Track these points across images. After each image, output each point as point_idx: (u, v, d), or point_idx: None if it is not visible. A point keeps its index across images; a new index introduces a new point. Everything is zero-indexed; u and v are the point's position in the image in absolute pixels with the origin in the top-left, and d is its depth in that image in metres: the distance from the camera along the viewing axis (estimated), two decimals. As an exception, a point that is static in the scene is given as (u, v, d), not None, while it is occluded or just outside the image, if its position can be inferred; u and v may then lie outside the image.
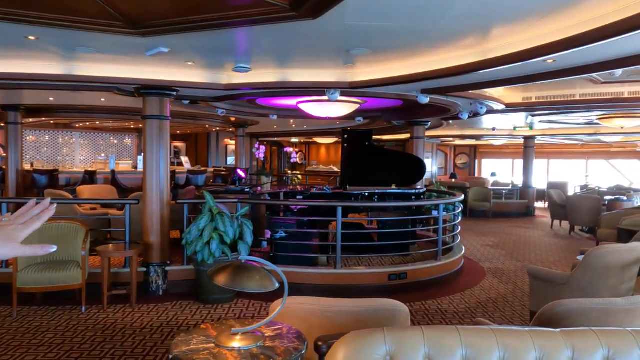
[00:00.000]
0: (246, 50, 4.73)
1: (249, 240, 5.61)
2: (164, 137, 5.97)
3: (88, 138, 14.37)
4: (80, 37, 4.15)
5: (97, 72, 5.43)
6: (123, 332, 4.62)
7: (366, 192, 7.15)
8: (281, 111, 9.14)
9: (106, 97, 7.81)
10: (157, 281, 5.89)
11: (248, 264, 2.10)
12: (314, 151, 22.50)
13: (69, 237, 5.38)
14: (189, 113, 9.64)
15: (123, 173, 10.81)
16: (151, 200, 5.96)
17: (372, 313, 2.56)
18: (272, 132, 15.89)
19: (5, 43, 4.40)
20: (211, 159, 16.40)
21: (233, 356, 1.97)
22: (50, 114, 10.10)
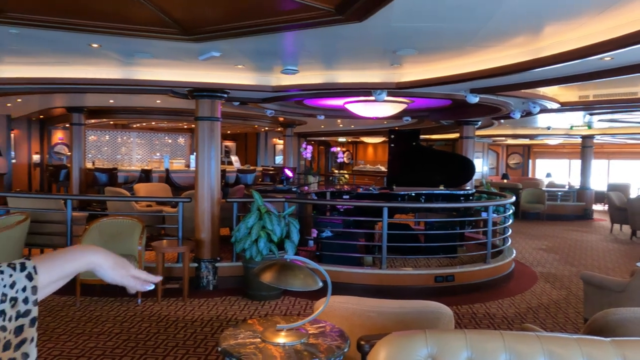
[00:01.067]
0: (293, 53, 4.83)
1: (296, 239, 5.72)
2: (215, 138, 6.19)
3: (144, 138, 15.04)
4: (138, 44, 4.38)
5: (153, 76, 5.70)
6: (176, 325, 4.84)
7: (413, 192, 7.09)
8: (328, 111, 9.22)
9: (161, 99, 8.17)
10: (207, 276, 6.12)
11: (293, 263, 2.18)
12: (361, 150, 22.46)
13: (126, 233, 5.69)
14: (239, 114, 9.91)
15: (176, 172, 11.25)
16: (203, 198, 6.19)
17: (415, 315, 2.57)
18: (319, 132, 16.02)
19: (72, 51, 4.72)
20: (260, 158, 16.74)
21: (278, 351, 2.04)
22: (110, 115, 10.67)
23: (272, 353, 2.03)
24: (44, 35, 4.03)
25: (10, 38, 4.15)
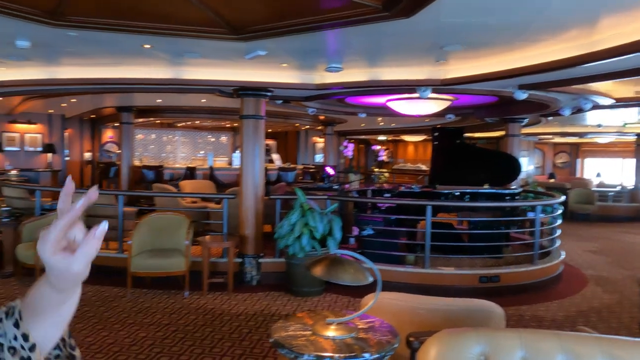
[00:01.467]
0: (338, 50, 4.85)
1: (338, 236, 5.74)
2: (259, 136, 6.29)
3: (188, 136, 15.45)
4: (188, 44, 4.52)
5: (200, 76, 5.85)
6: (221, 318, 4.96)
7: (457, 191, 6.97)
8: (370, 109, 9.19)
9: (207, 98, 8.37)
10: (251, 272, 6.23)
11: (343, 258, 2.20)
12: (401, 149, 22.25)
13: (173, 228, 5.87)
14: (281, 112, 10.02)
15: (219, 169, 11.51)
16: (247, 195, 6.30)
17: (465, 313, 2.54)
18: (359, 130, 15.98)
19: (125, 52, 4.91)
20: (300, 156, 16.86)
21: (329, 344, 2.07)
22: (158, 114, 11.02)
23: (323, 346, 2.05)
24: (101, 37, 4.22)
25: (69, 40, 4.37)
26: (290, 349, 2.03)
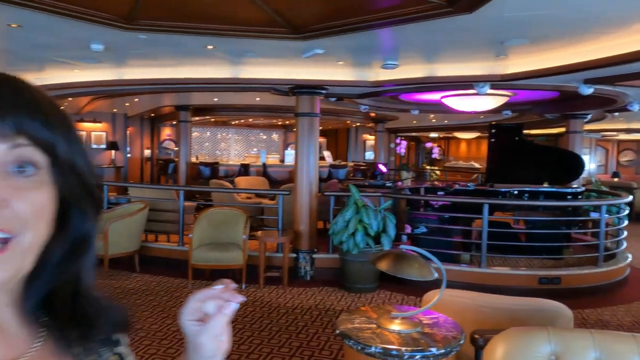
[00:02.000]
0: (395, 47, 4.84)
1: (392, 233, 5.74)
2: (314, 133, 6.38)
3: (241, 134, 15.84)
4: (248, 44, 4.66)
5: (257, 75, 6.00)
6: (277, 311, 5.09)
7: (515, 189, 6.78)
8: (423, 106, 9.08)
9: (261, 96, 8.56)
10: (305, 267, 6.34)
11: (408, 253, 2.22)
12: (453, 146, 21.78)
13: (231, 222, 6.06)
14: (333, 110, 10.09)
15: (272, 166, 11.74)
16: (301, 191, 6.41)
17: (531, 312, 2.50)
18: (410, 127, 15.80)
19: (189, 53, 5.13)
20: (350, 153, 16.89)
21: (394, 338, 2.10)
22: (213, 113, 11.37)
23: (390, 339, 2.09)
24: (168, 39, 4.43)
25: (138, 43, 4.61)
26: (357, 340, 2.08)
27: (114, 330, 0.70)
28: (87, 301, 0.64)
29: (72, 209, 0.59)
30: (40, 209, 0.55)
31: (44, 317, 0.62)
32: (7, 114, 0.52)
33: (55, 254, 0.59)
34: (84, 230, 0.61)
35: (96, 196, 0.62)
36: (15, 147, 0.53)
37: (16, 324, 0.59)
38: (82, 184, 0.59)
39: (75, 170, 0.58)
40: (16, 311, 0.60)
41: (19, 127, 0.53)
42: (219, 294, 0.66)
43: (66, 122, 0.58)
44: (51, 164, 0.56)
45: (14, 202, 0.52)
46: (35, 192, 0.54)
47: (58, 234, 0.58)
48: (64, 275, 0.61)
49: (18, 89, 0.55)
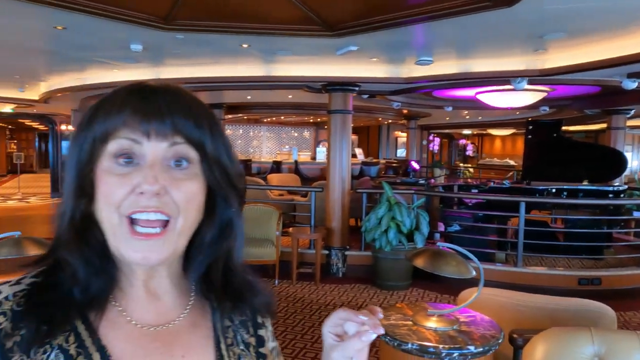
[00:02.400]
0: (430, 43, 4.79)
1: (425, 231, 5.69)
2: (346, 130, 6.38)
3: (273, 131, 15.97)
4: (282, 42, 4.70)
5: (290, 72, 6.05)
6: (310, 307, 5.13)
7: (553, 187, 6.60)
8: (457, 102, 8.95)
9: (293, 94, 8.60)
10: (337, 264, 6.36)
11: (445, 251, 2.21)
12: (487, 143, 21.34)
13: (264, 219, 6.14)
14: (365, 107, 10.04)
15: (304, 163, 11.79)
16: (334, 188, 6.43)
17: (572, 312, 2.44)
18: (443, 124, 15.57)
19: (224, 52, 5.21)
20: (382, 150, 16.79)
21: (431, 335, 2.10)
22: (246, 111, 11.50)
23: (426, 336, 2.08)
24: (204, 38, 4.52)
25: (176, 43, 4.72)
26: (393, 337, 2.08)
27: (259, 310, 0.78)
28: (236, 276, 0.73)
29: (217, 197, 0.68)
30: (191, 197, 0.63)
31: (195, 290, 0.73)
32: (167, 117, 0.61)
33: (207, 235, 0.69)
34: (229, 216, 0.70)
35: (238, 186, 0.70)
36: (173, 144, 0.62)
37: (171, 294, 0.70)
38: (226, 176, 0.67)
39: (220, 164, 0.67)
40: (173, 283, 0.70)
41: (176, 128, 0.62)
42: (363, 320, 0.67)
43: (212, 123, 0.67)
44: (201, 159, 0.65)
45: (172, 190, 0.61)
46: (189, 183, 0.63)
47: (208, 219, 0.68)
48: (216, 254, 0.70)
49: (175, 96, 0.64)
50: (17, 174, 16.79)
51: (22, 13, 3.78)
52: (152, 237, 0.61)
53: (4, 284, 0.63)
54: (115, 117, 0.61)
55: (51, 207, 12.15)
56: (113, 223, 0.61)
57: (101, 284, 0.63)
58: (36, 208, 12.06)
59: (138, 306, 0.67)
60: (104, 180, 0.61)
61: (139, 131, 0.61)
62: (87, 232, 0.63)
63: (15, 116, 13.65)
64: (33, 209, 11.88)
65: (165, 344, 0.66)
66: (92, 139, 0.62)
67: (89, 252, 0.62)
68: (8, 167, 20.91)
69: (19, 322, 0.58)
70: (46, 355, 0.58)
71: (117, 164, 0.61)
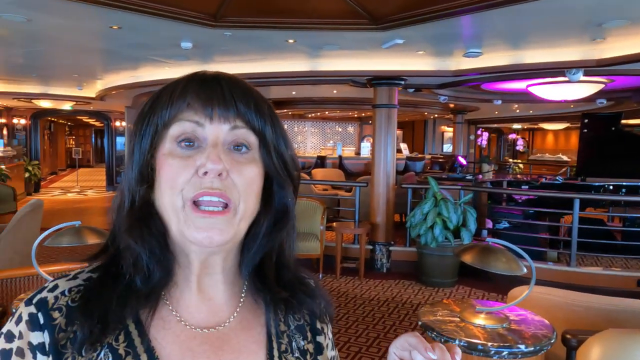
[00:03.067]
0: (478, 34, 4.65)
1: (473, 228, 5.57)
2: (391, 125, 6.32)
3: (317, 127, 16.04)
4: (328, 37, 4.70)
5: (335, 67, 6.04)
6: (354, 301, 5.13)
7: (610, 184, 6.29)
8: (506, 95, 8.66)
9: (338, 89, 8.60)
10: (381, 259, 6.33)
11: (494, 247, 2.15)
12: (538, 138, 20.54)
13: (309, 213, 6.18)
14: (411, 101, 9.91)
15: (348, 158, 11.78)
16: (378, 183, 6.39)
17: (630, 314, 2.33)
18: (492, 118, 15.12)
19: (271, 48, 5.27)
20: (427, 145, 16.51)
21: (479, 332, 2.05)
22: (291, 106, 11.60)
23: (474, 333, 2.04)
24: (251, 35, 4.59)
25: (224, 40, 4.82)
26: (440, 332, 2.05)
27: (318, 315, 0.75)
28: (288, 271, 0.72)
29: (274, 185, 0.68)
30: (250, 182, 0.63)
31: (246, 286, 0.71)
32: (229, 101, 0.62)
33: (263, 225, 0.67)
34: (285, 206, 0.69)
35: (294, 175, 0.70)
36: (234, 128, 0.63)
37: (223, 294, 0.68)
38: (283, 164, 0.67)
39: (278, 151, 0.67)
40: (225, 281, 0.69)
41: (238, 111, 0.63)
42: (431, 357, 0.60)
43: (271, 111, 0.67)
44: (260, 144, 0.65)
45: (233, 173, 0.61)
46: (248, 167, 0.63)
47: (264, 208, 0.67)
48: (270, 245, 0.69)
49: (235, 82, 0.66)
50: (75, 168, 17.70)
51: (81, 14, 3.97)
52: (215, 215, 0.60)
53: (61, 278, 0.64)
54: (178, 101, 0.62)
55: (106, 200, 12.75)
56: (176, 207, 0.60)
57: (161, 273, 0.63)
58: (93, 200, 12.69)
59: (189, 306, 0.66)
60: (167, 164, 0.61)
61: (202, 114, 0.61)
62: (147, 220, 0.63)
63: (74, 113, 14.38)
64: (90, 202, 12.51)
65: (214, 347, 0.64)
66: (155, 124, 0.63)
67: (150, 240, 0.62)
68: (67, 162, 22.06)
69: (74, 320, 0.58)
70: (96, 354, 0.58)
71: (180, 147, 0.61)
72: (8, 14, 3.99)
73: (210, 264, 0.66)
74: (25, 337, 0.58)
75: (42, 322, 0.58)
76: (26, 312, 0.59)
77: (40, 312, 0.59)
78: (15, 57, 6.20)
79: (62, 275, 0.65)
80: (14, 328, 0.59)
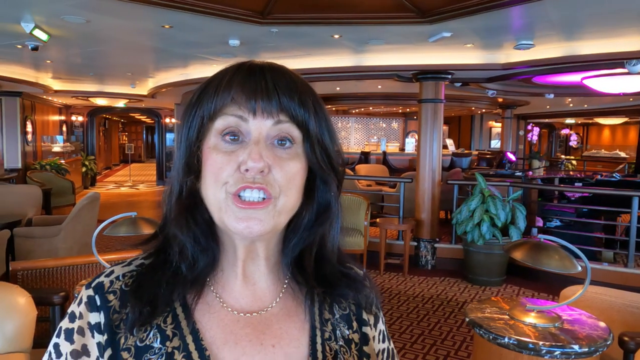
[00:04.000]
0: (530, 25, 4.50)
1: (522, 226, 5.40)
2: (437, 120, 6.22)
3: (361, 122, 15.97)
4: (374, 31, 4.68)
5: (380, 62, 6.00)
6: (398, 297, 5.10)
7: (673, 181, 5.93)
8: (559, 89, 8.32)
9: (383, 84, 8.54)
10: (426, 256, 6.25)
11: (546, 243, 2.08)
12: (593, 133, 19.59)
13: (353, 208, 6.18)
14: (457, 96, 9.70)
15: (392, 154, 11.68)
16: (423, 179, 6.31)
17: (695, 318, 2.20)
18: (543, 113, 14.56)
19: (316, 43, 5.30)
20: (474, 141, 16.11)
21: (530, 331, 2.00)
22: (335, 102, 11.61)
23: (525, 331, 1.99)
24: (297, 31, 4.63)
25: (270, 36, 4.89)
26: (488, 330, 2.01)
27: (364, 306, 0.75)
28: (328, 265, 0.72)
29: (317, 180, 0.67)
30: (292, 177, 0.63)
31: (289, 274, 0.72)
32: (273, 95, 0.61)
33: (305, 218, 0.67)
34: (327, 200, 0.68)
35: (338, 169, 0.69)
36: (278, 123, 0.62)
37: (266, 280, 0.70)
38: (327, 157, 0.67)
39: (322, 144, 0.66)
40: (269, 267, 0.70)
41: (281, 106, 0.62)
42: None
43: (316, 102, 0.66)
44: (303, 138, 0.65)
45: (275, 169, 0.61)
46: (291, 163, 0.63)
47: (306, 201, 0.67)
48: (311, 239, 0.69)
49: (280, 74, 0.64)
50: (127, 163, 18.46)
51: (135, 14, 4.14)
52: (255, 206, 0.60)
53: (118, 264, 0.68)
54: (223, 94, 0.63)
55: (157, 193, 13.23)
56: (219, 199, 0.62)
57: (206, 261, 0.65)
58: (144, 194, 13.21)
59: (233, 290, 0.68)
60: (211, 158, 0.62)
61: (246, 108, 0.61)
62: (193, 209, 0.64)
63: (127, 110, 14.98)
64: (141, 195, 13.03)
65: (257, 331, 0.66)
66: (201, 117, 0.64)
67: (195, 229, 0.64)
68: (120, 157, 23.05)
69: (126, 302, 0.62)
70: (146, 334, 0.62)
71: (224, 141, 0.62)
72: (69, 16, 4.21)
73: (254, 250, 0.67)
74: (85, 317, 0.63)
75: (99, 304, 0.63)
76: (85, 295, 0.64)
77: (97, 295, 0.64)
78: (75, 57, 6.54)
79: (119, 262, 0.69)
80: (76, 309, 0.64)
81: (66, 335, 0.62)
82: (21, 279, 2.81)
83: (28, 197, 6.49)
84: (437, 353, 3.84)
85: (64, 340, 0.62)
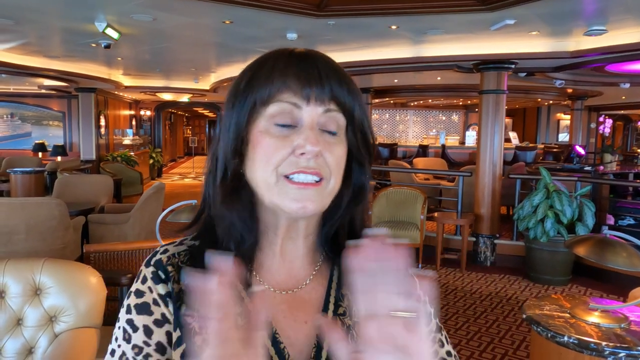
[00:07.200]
0: (602, 9, 4.22)
1: (590, 223, 5.11)
2: (499, 112, 5.99)
3: (420, 115, 15.68)
4: (432, 20, 4.57)
5: (440, 52, 5.86)
6: (454, 293, 5.00)
7: None
8: (636, 78, 7.74)
9: (442, 75, 8.33)
10: (485, 252, 6.07)
11: (612, 239, 1.97)
12: (675, 126, 18.08)
13: (409, 202, 6.11)
14: (522, 87, 9.29)
15: (451, 148, 11.40)
16: (483, 173, 6.11)
17: None
18: (617, 104, 13.61)
19: (373, 35, 5.26)
20: (539, 134, 15.35)
21: (593, 330, 1.90)
22: (393, 95, 11.47)
23: (587, 331, 1.90)
24: (354, 23, 4.62)
25: (327, 29, 4.91)
26: (546, 327, 1.94)
27: None
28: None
29: (354, 163, 0.70)
30: (339, 161, 0.66)
31: (324, 252, 0.75)
32: (326, 83, 0.64)
33: (344, 199, 0.70)
34: (362, 181, 0.72)
35: (372, 152, 0.72)
36: (328, 111, 0.65)
37: (302, 259, 0.73)
38: (365, 142, 0.70)
39: (363, 130, 0.69)
40: (306, 246, 0.73)
41: (333, 94, 0.64)
42: None
43: (358, 89, 0.69)
44: (347, 124, 0.67)
45: (326, 153, 0.64)
46: (337, 147, 0.66)
47: (344, 183, 0.69)
48: (347, 217, 0.72)
49: (328, 62, 0.67)
50: (191, 155, 19.22)
51: (198, 11, 4.30)
52: (309, 186, 0.63)
53: (169, 244, 0.73)
54: (277, 80, 0.64)
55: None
56: (269, 182, 0.64)
57: (252, 239, 0.68)
58: (206, 186, 13.69)
59: (271, 268, 0.71)
60: (264, 142, 0.64)
61: (300, 95, 0.63)
62: (239, 191, 0.67)
63: (190, 105, 15.60)
64: (204, 187, 13.51)
65: (291, 307, 0.69)
66: (253, 102, 0.65)
67: (241, 209, 0.67)
68: (185, 150, 24.04)
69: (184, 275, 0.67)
70: None
71: (276, 126, 0.64)
72: (138, 14, 4.45)
73: (295, 229, 0.70)
74: (155, 290, 0.68)
75: (163, 277, 0.68)
76: (149, 272, 0.69)
77: (159, 270, 0.69)
78: (143, 53, 6.89)
79: (170, 242, 0.74)
80: (141, 287, 0.68)
81: (139, 309, 0.67)
82: (93, 260, 3.03)
83: (101, 187, 6.95)
84: (494, 351, 3.73)
85: (136, 314, 0.67)
